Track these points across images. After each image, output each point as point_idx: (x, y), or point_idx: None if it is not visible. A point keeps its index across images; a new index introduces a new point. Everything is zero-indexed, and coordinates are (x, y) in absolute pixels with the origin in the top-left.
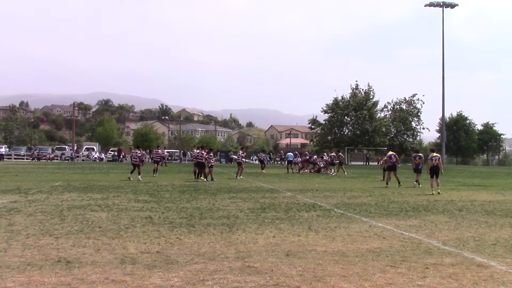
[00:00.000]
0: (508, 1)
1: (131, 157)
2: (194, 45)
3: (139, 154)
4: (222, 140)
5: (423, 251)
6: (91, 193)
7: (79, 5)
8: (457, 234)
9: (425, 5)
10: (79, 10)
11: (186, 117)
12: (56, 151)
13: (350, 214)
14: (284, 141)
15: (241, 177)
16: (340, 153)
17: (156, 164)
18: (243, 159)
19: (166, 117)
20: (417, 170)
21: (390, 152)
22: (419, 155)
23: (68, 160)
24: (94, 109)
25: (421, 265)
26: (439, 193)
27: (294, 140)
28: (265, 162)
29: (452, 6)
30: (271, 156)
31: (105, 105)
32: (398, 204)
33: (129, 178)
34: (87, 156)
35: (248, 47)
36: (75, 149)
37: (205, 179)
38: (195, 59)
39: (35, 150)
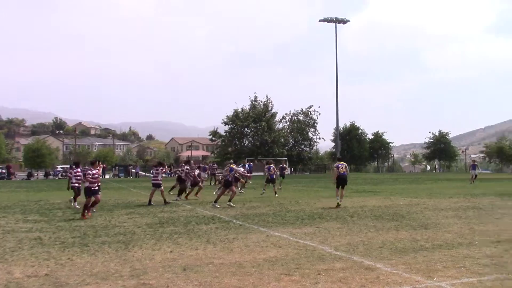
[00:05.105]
0: (394, 20)
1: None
2: (91, 54)
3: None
4: (120, 154)
5: (316, 258)
6: None
7: None
8: (348, 239)
9: (320, 21)
10: None
11: (82, 131)
12: None
13: (249, 224)
14: (185, 154)
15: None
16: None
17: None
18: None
19: (61, 131)
20: (271, 180)
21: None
22: (271, 166)
23: None
24: None
25: (314, 271)
26: (338, 204)
27: (195, 152)
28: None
29: (344, 22)
30: (172, 168)
31: None
32: (294, 212)
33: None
34: None
35: (150, 58)
36: None
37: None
38: (92, 70)
39: None
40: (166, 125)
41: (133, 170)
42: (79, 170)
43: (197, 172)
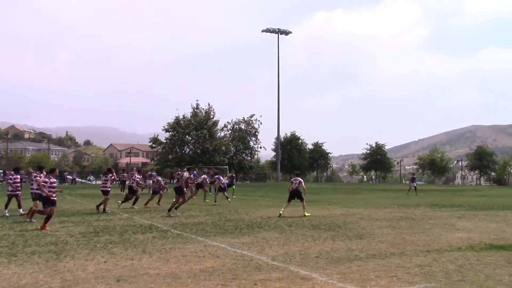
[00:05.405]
0: (333, 34)
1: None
2: (26, 56)
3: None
4: (56, 159)
5: (254, 268)
6: None
7: None
8: (286, 249)
9: (262, 31)
10: None
11: (15, 135)
12: None
13: (187, 234)
14: (124, 160)
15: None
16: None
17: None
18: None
19: None
20: (223, 189)
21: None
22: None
23: None
24: None
25: (250, 281)
26: (305, 215)
27: (135, 159)
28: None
29: (287, 33)
30: None
31: None
32: (233, 222)
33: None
34: None
35: (88, 61)
36: None
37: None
38: (26, 71)
39: None
40: (104, 130)
41: (69, 177)
42: (18, 176)
43: (159, 178)
